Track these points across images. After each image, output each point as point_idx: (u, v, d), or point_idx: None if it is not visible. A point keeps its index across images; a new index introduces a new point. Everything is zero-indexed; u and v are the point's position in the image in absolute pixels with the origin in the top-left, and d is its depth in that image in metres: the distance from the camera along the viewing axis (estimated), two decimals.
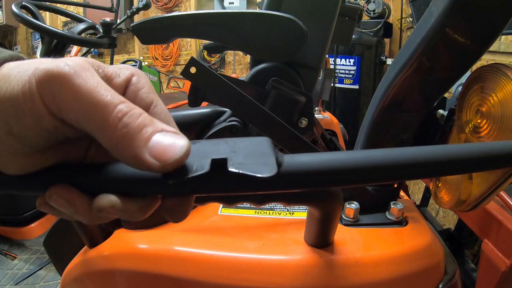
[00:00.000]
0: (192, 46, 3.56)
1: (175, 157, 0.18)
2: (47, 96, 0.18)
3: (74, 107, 0.18)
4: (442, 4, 0.39)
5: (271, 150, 0.19)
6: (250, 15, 0.52)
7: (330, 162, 0.19)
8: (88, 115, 0.18)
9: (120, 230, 0.47)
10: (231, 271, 0.40)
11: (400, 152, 0.20)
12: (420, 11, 1.89)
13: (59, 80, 0.18)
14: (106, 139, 0.18)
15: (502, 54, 1.35)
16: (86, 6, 1.89)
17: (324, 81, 1.05)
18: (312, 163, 0.19)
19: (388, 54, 2.66)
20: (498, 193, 0.46)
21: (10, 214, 1.46)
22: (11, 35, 4.15)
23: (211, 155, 0.19)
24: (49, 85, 0.18)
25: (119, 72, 0.21)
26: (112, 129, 0.18)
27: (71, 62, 0.18)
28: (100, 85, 0.18)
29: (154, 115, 0.21)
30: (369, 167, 0.19)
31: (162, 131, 0.19)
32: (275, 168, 0.18)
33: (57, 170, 0.20)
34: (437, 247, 0.45)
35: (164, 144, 0.18)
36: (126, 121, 0.18)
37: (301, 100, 0.54)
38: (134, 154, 0.18)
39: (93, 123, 0.18)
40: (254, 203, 0.35)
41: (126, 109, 0.18)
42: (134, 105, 0.19)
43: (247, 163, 0.18)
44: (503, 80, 0.38)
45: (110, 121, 0.18)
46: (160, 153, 0.18)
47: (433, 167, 0.20)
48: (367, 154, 0.20)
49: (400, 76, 0.44)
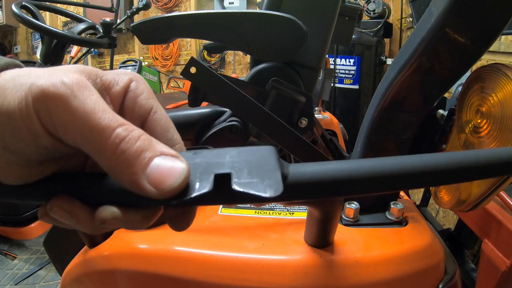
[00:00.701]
0: (192, 46, 3.55)
1: (173, 185, 0.17)
2: (44, 116, 0.17)
3: (71, 130, 0.17)
4: (442, 4, 0.39)
5: (276, 162, 0.19)
6: (250, 15, 0.52)
7: (335, 172, 0.19)
8: (85, 138, 0.17)
9: (120, 230, 0.47)
10: (231, 271, 0.40)
11: (407, 160, 0.19)
12: (420, 11, 1.90)
13: (55, 101, 0.17)
14: (104, 163, 0.18)
15: (502, 54, 1.35)
16: (86, 6, 1.89)
17: (324, 81, 1.05)
18: (318, 173, 0.19)
19: (388, 54, 2.66)
20: (498, 193, 0.46)
21: (10, 214, 1.46)
22: (11, 35, 4.15)
23: (213, 169, 0.18)
24: (45, 105, 0.17)
25: (118, 79, 0.21)
26: (110, 155, 0.18)
27: (67, 79, 0.18)
28: (98, 107, 0.18)
29: (154, 121, 0.21)
30: (377, 176, 0.19)
31: (161, 155, 0.18)
32: (281, 186, 0.17)
33: (58, 180, 0.20)
34: (437, 247, 0.45)
35: (163, 170, 0.18)
36: (124, 147, 0.17)
37: (301, 100, 0.54)
38: (132, 180, 0.18)
39: (91, 147, 0.18)
40: (254, 203, 0.35)
41: (124, 133, 0.18)
42: (132, 126, 0.18)
43: (251, 181, 0.18)
44: (503, 80, 0.38)
45: (108, 146, 0.17)
46: (158, 180, 0.17)
47: (446, 175, 0.19)
48: (373, 162, 0.19)
49: (400, 76, 0.44)
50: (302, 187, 0.19)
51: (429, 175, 0.19)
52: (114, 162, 0.18)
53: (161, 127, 0.21)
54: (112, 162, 0.18)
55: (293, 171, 0.19)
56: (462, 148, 0.45)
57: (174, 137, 0.22)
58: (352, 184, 0.19)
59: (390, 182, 0.19)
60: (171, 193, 0.17)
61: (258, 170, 0.18)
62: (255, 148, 0.20)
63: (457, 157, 0.20)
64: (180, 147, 0.22)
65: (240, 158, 0.19)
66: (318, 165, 0.19)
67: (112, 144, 0.17)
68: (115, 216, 0.19)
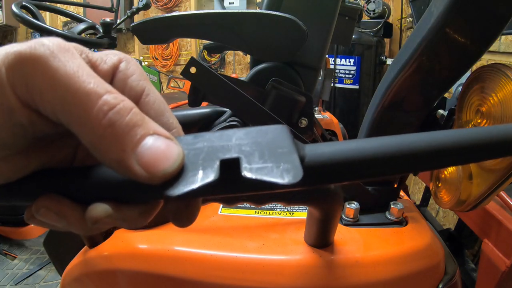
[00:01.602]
0: (192, 46, 3.56)
1: (167, 170, 0.15)
2: (19, 84, 0.15)
3: (49, 95, 0.15)
4: (442, 4, 0.39)
5: (291, 143, 0.16)
6: (250, 15, 0.52)
7: (359, 151, 0.16)
8: (66, 105, 0.15)
9: (120, 230, 0.47)
10: (231, 271, 0.40)
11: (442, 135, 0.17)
12: (420, 11, 1.89)
13: (32, 63, 0.15)
14: (86, 136, 0.15)
15: (502, 54, 1.35)
16: (86, 6, 1.89)
17: (324, 81, 1.05)
18: (339, 154, 0.16)
19: (388, 54, 2.66)
20: (498, 193, 0.46)
21: (10, 214, 1.46)
22: (11, 35, 4.15)
23: (218, 154, 0.16)
24: (20, 71, 0.15)
25: (106, 58, 0.18)
26: (95, 125, 0.15)
27: (48, 41, 0.15)
28: (82, 69, 0.15)
29: (147, 105, 0.18)
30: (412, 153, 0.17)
31: (154, 134, 0.16)
32: (300, 171, 0.15)
33: (43, 177, 0.18)
34: (437, 247, 0.45)
35: (155, 152, 0.15)
36: (113, 117, 0.15)
37: (301, 100, 0.54)
38: (119, 158, 0.15)
39: (72, 115, 0.15)
40: (254, 203, 0.35)
41: (113, 101, 0.15)
42: (123, 96, 0.16)
43: (265, 165, 0.15)
44: (503, 80, 0.38)
45: (92, 114, 0.15)
46: (150, 162, 0.15)
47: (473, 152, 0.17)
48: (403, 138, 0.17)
49: (400, 76, 0.44)
50: (323, 170, 0.16)
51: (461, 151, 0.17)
52: (100, 136, 0.15)
53: (155, 111, 0.19)
54: (97, 135, 0.15)
55: (311, 152, 0.16)
56: None
57: (170, 121, 0.19)
58: (383, 163, 0.16)
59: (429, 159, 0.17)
60: (161, 179, 0.15)
61: (271, 152, 0.16)
62: (265, 128, 0.17)
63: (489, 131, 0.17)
64: (178, 131, 0.19)
65: (248, 140, 0.16)
66: (338, 144, 0.17)
67: (99, 112, 0.15)
68: (108, 214, 0.16)
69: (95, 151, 0.16)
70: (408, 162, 0.17)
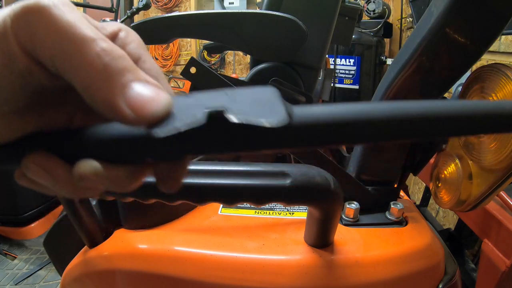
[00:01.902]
0: (192, 46, 3.56)
1: (154, 112, 0.16)
2: (22, 32, 0.16)
3: (49, 41, 0.16)
4: (442, 4, 0.39)
5: (279, 99, 0.16)
6: (250, 15, 0.53)
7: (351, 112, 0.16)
8: (64, 50, 0.16)
9: (120, 230, 0.47)
10: (231, 271, 0.40)
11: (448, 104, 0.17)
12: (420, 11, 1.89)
13: (36, 13, 0.16)
14: (80, 78, 0.16)
15: (502, 54, 1.35)
16: (86, 6, 1.89)
17: (324, 81, 1.06)
18: (328, 113, 0.16)
19: (388, 54, 2.66)
20: (498, 193, 0.46)
21: (10, 214, 1.46)
22: None
23: (207, 105, 0.16)
24: (24, 19, 0.16)
25: (106, 26, 0.19)
26: (89, 66, 0.16)
27: None
28: (81, 20, 0.16)
29: (143, 70, 0.19)
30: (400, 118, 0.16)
31: (143, 82, 0.17)
32: (286, 116, 0.15)
33: (36, 136, 0.18)
34: (437, 247, 0.45)
35: (143, 96, 0.16)
36: (106, 60, 0.16)
37: (301, 100, 0.54)
38: (107, 99, 0.16)
39: (69, 60, 0.16)
40: (254, 203, 0.35)
41: (108, 47, 0.16)
42: (117, 46, 0.17)
43: (251, 112, 0.16)
44: (503, 80, 0.38)
45: (88, 57, 0.16)
46: (137, 104, 0.16)
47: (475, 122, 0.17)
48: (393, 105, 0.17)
49: (400, 76, 0.44)
50: (311, 126, 0.16)
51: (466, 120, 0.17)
52: (92, 76, 0.16)
53: (151, 77, 0.19)
54: (89, 75, 0.16)
55: (299, 110, 0.16)
56: (461, 148, 0.45)
57: (165, 87, 0.19)
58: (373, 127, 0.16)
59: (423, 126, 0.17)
60: (149, 121, 0.16)
61: (259, 103, 0.16)
62: (254, 88, 0.17)
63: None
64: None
65: (238, 95, 0.17)
66: (328, 106, 0.17)
67: (93, 55, 0.16)
68: (96, 171, 0.17)
69: (86, 93, 0.17)
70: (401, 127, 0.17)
